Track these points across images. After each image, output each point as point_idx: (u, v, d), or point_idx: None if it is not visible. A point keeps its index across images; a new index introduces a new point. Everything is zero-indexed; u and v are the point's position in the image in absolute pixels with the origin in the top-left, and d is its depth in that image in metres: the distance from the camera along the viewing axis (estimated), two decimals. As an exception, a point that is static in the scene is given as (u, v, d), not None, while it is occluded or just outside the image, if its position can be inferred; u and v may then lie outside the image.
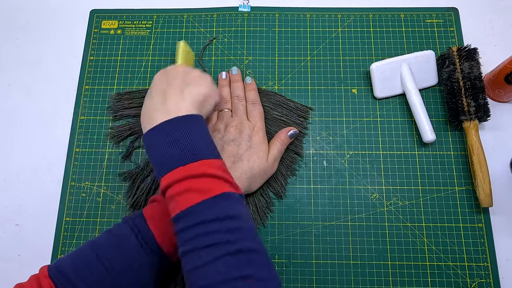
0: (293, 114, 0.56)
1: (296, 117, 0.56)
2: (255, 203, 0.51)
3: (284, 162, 0.53)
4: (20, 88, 0.60)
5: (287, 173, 0.53)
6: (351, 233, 0.51)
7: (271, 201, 0.52)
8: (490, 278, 0.49)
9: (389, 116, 0.56)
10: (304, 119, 0.56)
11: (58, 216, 0.53)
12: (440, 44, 0.59)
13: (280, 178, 0.53)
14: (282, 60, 0.59)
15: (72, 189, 0.54)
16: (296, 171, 0.54)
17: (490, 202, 0.50)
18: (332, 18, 0.61)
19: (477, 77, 0.52)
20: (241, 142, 0.49)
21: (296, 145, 0.54)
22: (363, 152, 0.55)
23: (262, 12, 0.62)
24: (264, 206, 0.52)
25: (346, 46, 0.60)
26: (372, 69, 0.55)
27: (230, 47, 0.60)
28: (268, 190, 0.53)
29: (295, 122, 0.55)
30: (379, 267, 0.50)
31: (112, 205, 0.53)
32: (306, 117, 0.56)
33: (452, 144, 0.55)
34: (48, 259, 0.51)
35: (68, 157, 0.55)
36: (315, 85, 0.58)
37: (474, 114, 0.52)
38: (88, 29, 0.62)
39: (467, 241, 0.51)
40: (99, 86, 0.59)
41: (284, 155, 0.53)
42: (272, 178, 0.52)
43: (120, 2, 0.64)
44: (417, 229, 0.51)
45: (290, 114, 0.56)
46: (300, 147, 0.55)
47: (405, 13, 0.61)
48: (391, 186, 0.53)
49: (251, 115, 0.52)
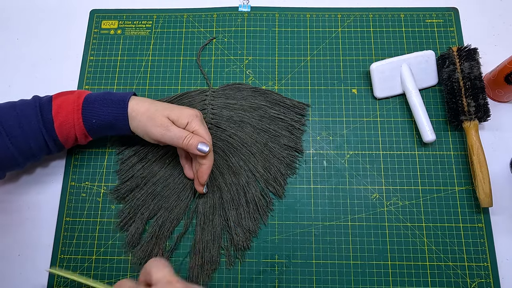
0: (291, 111, 0.56)
1: (294, 114, 0.56)
2: (255, 202, 0.51)
3: (284, 161, 0.53)
4: (21, 88, 0.60)
5: (287, 172, 0.53)
6: (351, 233, 0.51)
7: (271, 201, 0.52)
8: (490, 278, 0.49)
9: (389, 116, 0.56)
10: (302, 116, 0.56)
11: (58, 216, 0.53)
12: (440, 44, 0.59)
13: (279, 178, 0.53)
14: (282, 60, 0.59)
15: (72, 189, 0.54)
16: (296, 170, 0.54)
17: (490, 202, 0.50)
18: (332, 18, 0.61)
19: (477, 77, 0.52)
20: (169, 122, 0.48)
21: (295, 142, 0.54)
22: (363, 152, 0.55)
23: (262, 12, 0.62)
24: (264, 205, 0.52)
25: (346, 46, 0.60)
26: (372, 69, 0.55)
27: (230, 47, 0.60)
28: (268, 190, 0.53)
29: (293, 120, 0.55)
30: (379, 267, 0.50)
31: (112, 205, 0.53)
32: (304, 114, 0.56)
33: (452, 144, 0.55)
34: (48, 259, 0.51)
35: (68, 157, 0.55)
36: (315, 85, 0.58)
37: (474, 114, 0.52)
38: (88, 29, 0.62)
39: (467, 241, 0.51)
40: (99, 86, 0.59)
41: (283, 153, 0.53)
42: (271, 178, 0.52)
43: (120, 2, 0.64)
44: (417, 229, 0.51)
45: (288, 112, 0.56)
46: (300, 144, 0.55)
47: (405, 13, 0.61)
48: (391, 186, 0.53)
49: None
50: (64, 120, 0.47)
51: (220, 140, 0.54)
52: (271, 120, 0.55)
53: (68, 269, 0.51)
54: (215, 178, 0.52)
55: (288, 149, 0.54)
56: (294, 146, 0.54)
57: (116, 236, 0.52)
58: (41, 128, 0.47)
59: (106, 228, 0.52)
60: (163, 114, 0.47)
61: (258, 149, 0.53)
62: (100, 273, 0.51)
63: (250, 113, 0.55)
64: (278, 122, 0.55)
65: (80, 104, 0.48)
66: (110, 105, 0.48)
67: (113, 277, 0.50)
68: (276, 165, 0.53)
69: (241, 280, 0.50)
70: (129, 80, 0.59)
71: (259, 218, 0.51)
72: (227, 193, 0.52)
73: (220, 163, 0.53)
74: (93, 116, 0.48)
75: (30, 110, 0.47)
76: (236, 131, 0.54)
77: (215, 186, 0.52)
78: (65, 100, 0.48)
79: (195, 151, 0.46)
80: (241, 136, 0.54)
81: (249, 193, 0.51)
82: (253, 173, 0.53)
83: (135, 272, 0.51)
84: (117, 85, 0.59)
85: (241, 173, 0.52)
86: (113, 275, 0.50)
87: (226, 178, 0.52)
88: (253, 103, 0.56)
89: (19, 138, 0.46)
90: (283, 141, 0.54)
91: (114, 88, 0.59)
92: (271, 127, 0.54)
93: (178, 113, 0.48)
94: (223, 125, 0.54)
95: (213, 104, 0.56)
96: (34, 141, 0.47)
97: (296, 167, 0.54)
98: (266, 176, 0.53)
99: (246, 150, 0.53)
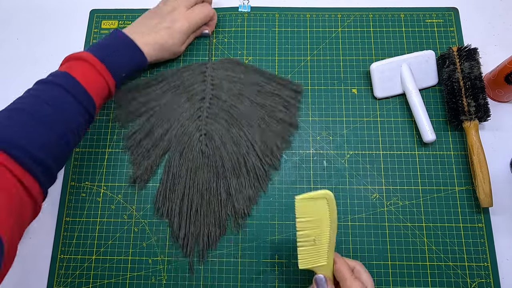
0: (286, 89, 0.57)
1: (289, 91, 0.57)
2: (255, 171, 0.53)
3: (280, 135, 0.55)
4: (21, 88, 0.60)
5: (283, 145, 0.55)
6: (351, 233, 0.51)
7: (269, 170, 0.54)
8: (490, 278, 0.49)
9: (389, 116, 0.56)
10: (297, 93, 0.57)
11: (58, 216, 0.53)
12: (440, 44, 0.59)
13: (276, 152, 0.54)
14: (282, 60, 0.59)
15: (72, 189, 0.54)
16: (291, 143, 0.55)
17: (490, 202, 0.50)
18: (332, 18, 0.61)
19: (477, 77, 0.52)
20: (165, 20, 0.54)
21: (290, 116, 0.56)
22: (363, 152, 0.55)
23: (262, 12, 0.62)
24: (264, 174, 0.53)
25: (346, 46, 0.60)
26: (372, 69, 0.55)
27: (230, 47, 0.60)
28: (265, 161, 0.54)
29: (289, 96, 0.56)
30: (379, 267, 0.50)
31: (112, 205, 0.53)
32: (299, 91, 0.57)
33: (452, 144, 0.55)
34: (48, 259, 0.51)
35: (68, 157, 0.55)
36: (315, 85, 0.58)
37: (474, 114, 0.52)
38: (88, 29, 0.62)
39: (467, 241, 0.51)
40: (99, 86, 0.59)
41: (279, 127, 0.55)
42: (268, 151, 0.54)
43: (120, 2, 0.64)
44: (417, 229, 0.51)
45: (283, 89, 0.57)
46: (295, 119, 0.56)
47: (405, 13, 0.61)
48: (391, 186, 0.53)
49: (194, 10, 0.56)
50: (98, 86, 0.47)
51: (222, 110, 0.55)
52: (267, 95, 0.56)
53: (68, 269, 0.51)
54: (218, 147, 0.54)
55: (284, 123, 0.55)
56: (289, 121, 0.55)
57: (116, 236, 0.52)
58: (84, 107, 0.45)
59: (106, 228, 0.52)
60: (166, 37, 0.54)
61: (255, 122, 0.55)
62: (100, 273, 0.51)
63: (248, 87, 0.56)
64: (274, 98, 0.56)
65: (103, 66, 0.47)
66: (124, 54, 0.50)
67: (113, 277, 0.50)
68: (272, 138, 0.54)
69: (241, 280, 0.50)
70: (129, 80, 0.59)
71: (258, 187, 0.53)
72: (228, 162, 0.53)
73: (223, 133, 0.54)
74: (119, 70, 0.50)
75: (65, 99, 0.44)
76: (235, 103, 0.56)
77: (218, 155, 0.53)
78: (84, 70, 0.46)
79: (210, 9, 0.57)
80: (241, 108, 0.55)
81: (249, 161, 0.53)
82: (252, 144, 0.54)
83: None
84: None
85: (242, 143, 0.54)
86: (113, 275, 0.50)
87: (227, 148, 0.54)
88: (251, 77, 0.57)
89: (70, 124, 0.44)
90: (279, 115, 0.55)
91: (114, 88, 0.59)
92: (268, 102, 0.56)
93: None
94: (223, 96, 0.56)
95: (213, 76, 0.57)
96: (81, 117, 0.45)
97: (291, 140, 0.55)
98: (263, 148, 0.54)
99: (246, 122, 0.55)
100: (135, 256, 0.51)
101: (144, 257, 0.51)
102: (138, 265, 0.51)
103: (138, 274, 0.50)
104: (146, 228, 0.52)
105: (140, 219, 0.53)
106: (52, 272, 0.51)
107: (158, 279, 0.50)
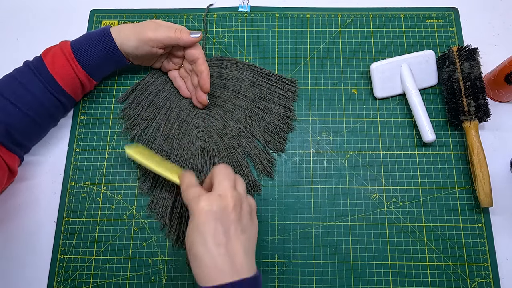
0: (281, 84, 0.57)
1: (284, 86, 0.57)
2: (259, 159, 0.53)
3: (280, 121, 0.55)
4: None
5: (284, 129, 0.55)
6: (351, 233, 0.51)
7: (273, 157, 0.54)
8: (490, 278, 0.49)
9: (389, 116, 0.56)
10: (293, 88, 0.57)
11: (58, 216, 0.53)
12: (440, 44, 0.59)
13: (280, 134, 0.55)
14: (282, 60, 0.59)
15: (72, 189, 0.54)
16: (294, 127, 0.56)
17: (490, 202, 0.50)
18: (332, 18, 0.61)
19: (477, 77, 0.52)
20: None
21: (287, 109, 0.56)
22: (363, 152, 0.55)
23: (262, 12, 0.62)
24: (267, 161, 0.54)
25: (346, 46, 0.60)
26: (372, 69, 0.55)
27: (230, 47, 0.60)
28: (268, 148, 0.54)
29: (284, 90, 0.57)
30: (379, 267, 0.50)
31: (112, 205, 0.53)
32: (294, 87, 0.57)
33: (452, 144, 0.55)
34: (48, 259, 0.51)
35: (68, 157, 0.55)
36: (315, 85, 0.58)
37: (474, 114, 0.52)
38: (88, 29, 0.62)
39: (467, 241, 0.51)
40: (99, 86, 0.59)
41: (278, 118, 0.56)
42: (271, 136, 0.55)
43: (120, 2, 0.64)
44: (417, 229, 0.51)
45: (279, 84, 0.57)
46: (292, 112, 0.56)
47: (405, 13, 0.61)
48: (391, 186, 0.53)
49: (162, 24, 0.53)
50: (63, 72, 0.50)
51: (216, 106, 0.56)
52: (263, 91, 0.57)
53: (68, 269, 0.51)
54: (216, 142, 0.54)
55: (281, 116, 0.56)
56: (286, 114, 0.56)
57: (116, 236, 0.52)
58: (47, 87, 0.49)
59: (106, 228, 0.52)
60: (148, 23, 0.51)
61: (253, 113, 0.55)
62: (100, 273, 0.51)
63: (242, 82, 0.57)
64: (270, 93, 0.57)
65: (71, 52, 0.50)
66: (97, 43, 0.51)
67: (113, 277, 0.50)
68: (273, 125, 0.55)
69: (241, 280, 0.50)
70: (129, 80, 0.59)
71: (266, 173, 0.53)
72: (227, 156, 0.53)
73: (219, 128, 0.55)
74: (88, 58, 0.51)
75: (29, 76, 0.49)
76: (230, 98, 0.56)
77: (216, 150, 0.54)
78: (54, 55, 0.50)
79: (188, 38, 0.50)
80: (236, 102, 0.56)
81: (252, 152, 0.54)
82: (253, 134, 0.54)
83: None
84: (117, 85, 0.59)
85: (241, 135, 0.54)
86: (113, 275, 0.51)
87: (225, 142, 0.54)
88: (246, 74, 0.57)
89: (32, 104, 0.49)
90: (276, 109, 0.56)
91: (114, 88, 0.59)
92: (263, 95, 0.56)
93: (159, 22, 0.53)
94: (216, 93, 0.56)
95: None
96: (47, 100, 0.50)
97: (294, 125, 0.56)
98: (265, 135, 0.55)
99: (242, 114, 0.55)
100: (135, 256, 0.51)
101: (144, 257, 0.51)
102: (138, 265, 0.51)
103: (138, 274, 0.50)
104: (146, 228, 0.52)
105: (140, 219, 0.53)
106: (52, 272, 0.51)
107: (158, 279, 0.50)
